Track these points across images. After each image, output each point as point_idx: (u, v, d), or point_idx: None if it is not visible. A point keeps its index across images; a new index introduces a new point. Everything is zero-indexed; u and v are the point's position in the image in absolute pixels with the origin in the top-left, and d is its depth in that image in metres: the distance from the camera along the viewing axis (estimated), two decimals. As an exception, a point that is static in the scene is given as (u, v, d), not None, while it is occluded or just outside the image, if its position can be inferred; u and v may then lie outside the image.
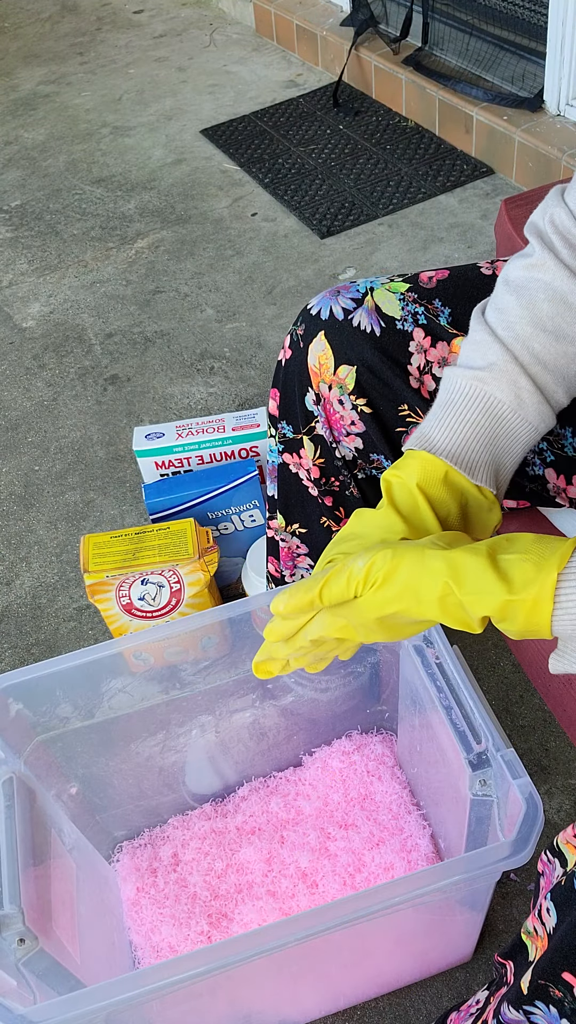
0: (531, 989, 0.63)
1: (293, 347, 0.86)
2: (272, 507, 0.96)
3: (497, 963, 0.73)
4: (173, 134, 2.53)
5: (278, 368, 0.89)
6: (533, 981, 0.62)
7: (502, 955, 0.72)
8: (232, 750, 1.04)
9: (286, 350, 0.87)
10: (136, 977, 0.65)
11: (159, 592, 1.13)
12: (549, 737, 1.14)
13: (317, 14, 2.68)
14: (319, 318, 0.83)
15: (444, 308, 0.84)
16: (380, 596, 0.56)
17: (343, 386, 0.83)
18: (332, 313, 0.83)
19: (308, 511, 0.93)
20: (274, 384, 0.90)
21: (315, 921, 0.67)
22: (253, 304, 1.91)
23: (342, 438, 0.86)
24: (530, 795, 0.69)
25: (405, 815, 1.01)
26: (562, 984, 0.60)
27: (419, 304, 0.83)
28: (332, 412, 0.85)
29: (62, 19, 3.28)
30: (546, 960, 0.61)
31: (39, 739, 0.88)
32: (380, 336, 0.82)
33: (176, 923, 0.95)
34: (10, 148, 2.57)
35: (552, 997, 0.61)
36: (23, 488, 1.59)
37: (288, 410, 0.88)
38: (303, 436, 0.88)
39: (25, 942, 0.70)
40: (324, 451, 0.88)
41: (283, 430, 0.90)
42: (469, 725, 0.77)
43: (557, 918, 0.61)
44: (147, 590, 1.12)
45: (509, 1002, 0.66)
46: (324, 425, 0.86)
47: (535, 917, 0.65)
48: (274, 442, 0.91)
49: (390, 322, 0.82)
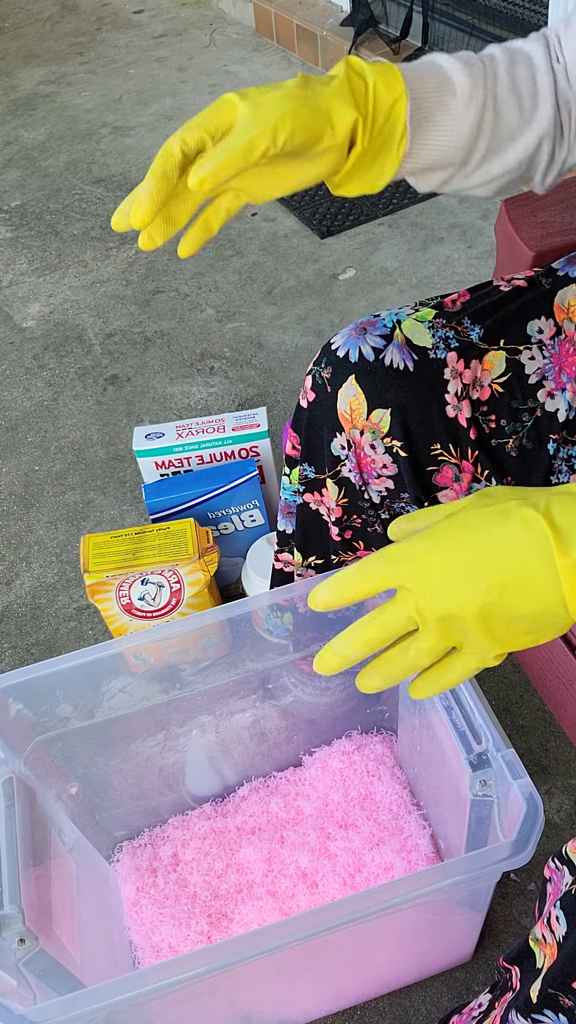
0: (540, 998, 0.62)
1: (318, 390, 0.82)
2: (284, 541, 0.95)
3: (502, 967, 0.73)
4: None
5: (299, 412, 0.85)
6: (543, 990, 0.62)
7: (507, 960, 0.72)
8: (232, 750, 1.04)
9: (308, 392, 0.83)
10: (136, 977, 0.65)
11: (159, 592, 1.13)
12: (549, 737, 1.14)
13: (317, 14, 2.68)
14: (348, 360, 0.80)
15: (474, 326, 0.82)
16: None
17: (376, 431, 0.81)
18: (362, 354, 0.79)
19: (325, 545, 0.92)
20: (294, 427, 0.86)
21: (315, 921, 0.66)
22: (253, 304, 1.91)
23: (372, 480, 0.84)
24: (530, 795, 0.69)
25: (405, 815, 1.01)
26: (573, 993, 0.60)
27: (448, 328, 0.81)
28: (363, 457, 0.83)
29: (62, 19, 3.28)
30: (557, 969, 0.61)
31: (39, 739, 0.88)
32: (414, 371, 0.79)
33: (176, 923, 0.95)
34: (10, 148, 2.57)
35: (562, 1006, 0.61)
36: (23, 488, 1.59)
37: (311, 454, 0.86)
38: (327, 478, 0.86)
39: (25, 942, 0.70)
40: (349, 492, 0.86)
41: (304, 471, 0.87)
42: (469, 725, 0.77)
43: (567, 927, 0.61)
44: (147, 590, 1.12)
45: (517, 1010, 0.66)
46: (354, 470, 0.84)
47: (544, 924, 0.64)
48: (289, 481, 0.89)
49: (422, 353, 0.80)
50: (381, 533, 0.88)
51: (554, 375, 0.83)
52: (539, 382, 0.83)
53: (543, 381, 0.83)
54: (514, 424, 0.84)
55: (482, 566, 0.47)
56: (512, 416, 0.83)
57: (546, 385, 0.83)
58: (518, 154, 0.71)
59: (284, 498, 0.91)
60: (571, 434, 0.84)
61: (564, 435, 0.84)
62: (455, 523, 0.49)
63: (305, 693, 1.02)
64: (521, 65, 0.71)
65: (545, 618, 0.48)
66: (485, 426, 0.83)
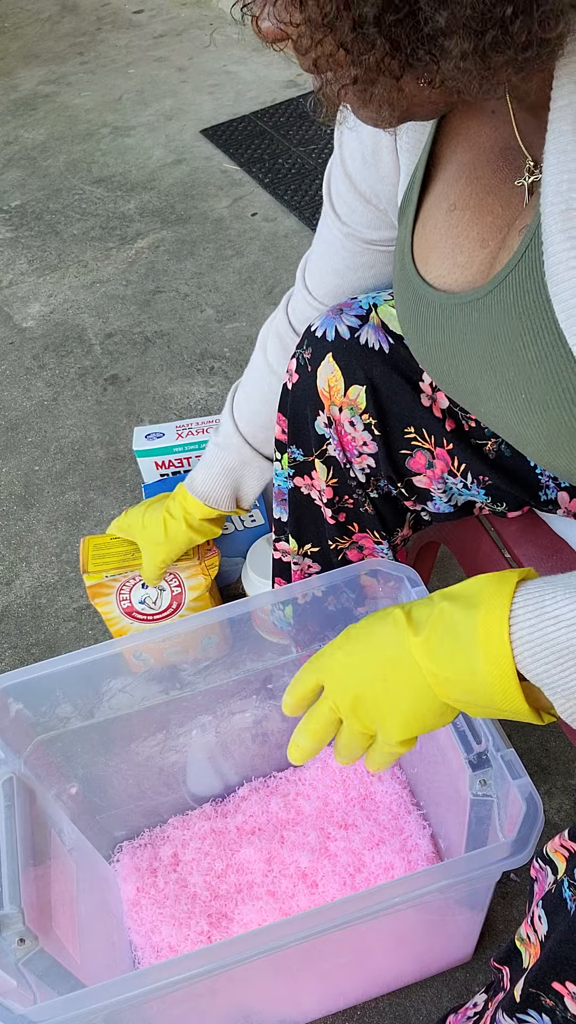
0: (523, 997, 0.63)
1: (300, 371, 0.84)
2: (280, 530, 0.95)
3: (494, 968, 0.73)
4: (173, 134, 2.53)
5: (285, 394, 0.87)
6: (525, 989, 0.62)
7: (497, 960, 0.72)
8: (232, 750, 1.04)
9: (292, 374, 0.85)
10: (136, 977, 0.65)
11: (160, 596, 1.13)
12: (549, 737, 1.14)
13: (317, 14, 2.68)
14: (325, 339, 0.82)
15: None
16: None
17: (354, 407, 0.82)
18: (338, 333, 0.81)
19: (320, 531, 0.92)
20: (281, 411, 0.88)
21: (315, 921, 0.67)
22: (253, 304, 1.91)
23: (354, 459, 0.85)
24: (530, 795, 0.69)
25: (405, 815, 1.01)
26: (552, 993, 0.60)
27: None
28: (344, 434, 0.84)
29: (62, 19, 3.28)
30: (537, 969, 0.61)
31: (39, 739, 0.88)
32: (389, 353, 0.81)
33: (176, 923, 0.95)
34: (10, 148, 2.57)
35: (544, 1006, 0.61)
36: (23, 488, 1.59)
37: (298, 435, 0.87)
38: (315, 459, 0.87)
39: (25, 942, 0.70)
40: (337, 472, 0.87)
41: (293, 454, 0.88)
42: (469, 725, 0.77)
43: (548, 926, 0.61)
44: (148, 594, 1.13)
45: (503, 1009, 0.66)
46: (337, 447, 0.85)
47: (528, 924, 0.65)
48: (280, 466, 0.90)
49: (398, 339, 0.81)
50: (372, 513, 0.89)
51: None
52: None
53: None
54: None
55: (369, 658, 0.57)
56: None
57: None
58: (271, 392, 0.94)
59: (277, 484, 0.92)
60: None
61: None
62: (357, 624, 0.60)
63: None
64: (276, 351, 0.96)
65: (424, 703, 0.56)
66: (464, 423, 0.84)
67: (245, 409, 0.98)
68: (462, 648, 0.52)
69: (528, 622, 0.50)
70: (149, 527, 1.04)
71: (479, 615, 0.51)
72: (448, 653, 0.53)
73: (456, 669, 0.52)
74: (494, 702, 0.52)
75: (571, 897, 0.58)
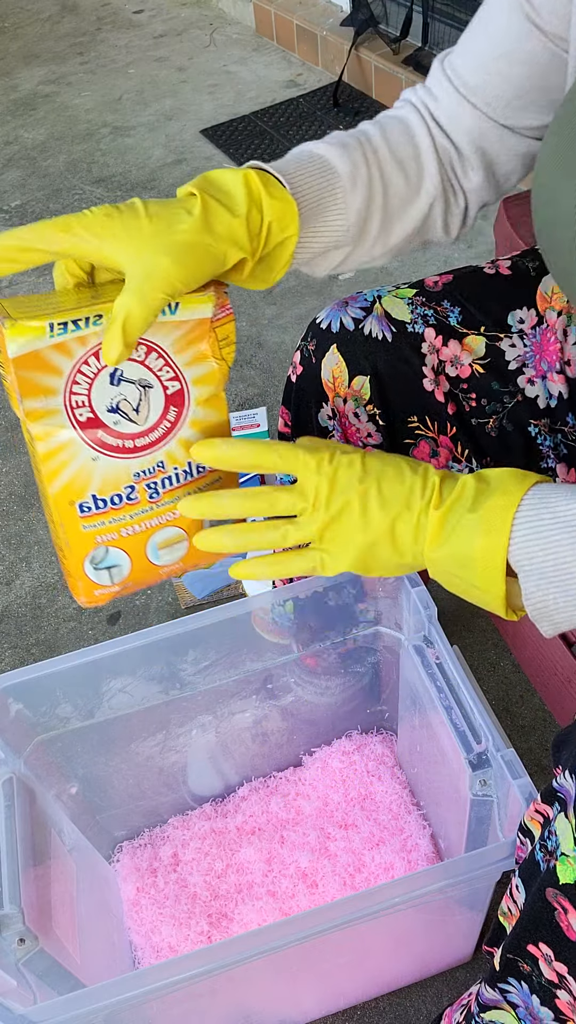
0: (503, 965, 0.63)
1: (304, 363, 0.85)
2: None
3: (487, 953, 0.74)
4: (173, 134, 2.52)
5: (289, 386, 0.87)
6: (503, 956, 0.63)
7: (488, 943, 0.73)
8: (232, 750, 1.04)
9: (297, 366, 0.86)
10: (136, 977, 0.65)
11: (144, 397, 0.60)
12: (549, 737, 1.14)
13: (317, 14, 2.68)
14: (330, 331, 0.83)
15: (453, 308, 0.84)
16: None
17: (358, 398, 0.83)
18: (343, 325, 0.82)
19: None
20: (284, 402, 0.89)
21: (315, 921, 0.67)
22: (253, 304, 1.91)
23: None
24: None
25: (405, 815, 1.01)
26: (528, 957, 0.60)
27: (428, 307, 0.83)
28: (348, 426, 0.84)
29: (62, 19, 3.28)
30: (514, 934, 0.61)
31: (39, 739, 0.88)
32: (392, 341, 0.82)
33: (176, 923, 0.95)
34: (10, 148, 2.57)
35: (521, 972, 0.62)
36: (23, 488, 1.59)
37: (302, 427, 0.87)
38: None
39: (25, 942, 0.70)
40: None
41: None
42: (469, 725, 0.77)
43: (525, 893, 0.61)
44: (122, 392, 0.60)
45: (485, 981, 0.67)
46: (340, 439, 0.85)
47: (508, 897, 0.65)
48: None
49: (400, 326, 0.82)
50: None
51: (534, 363, 0.84)
52: (519, 368, 0.84)
53: (523, 368, 0.84)
54: (494, 404, 0.85)
55: (384, 506, 0.57)
56: (492, 396, 0.85)
57: (526, 372, 0.84)
58: (413, 220, 0.73)
59: (279, 479, 0.92)
60: (555, 422, 0.85)
61: (548, 423, 0.85)
62: (388, 463, 0.59)
63: (305, 693, 1.02)
64: (397, 132, 0.73)
65: (393, 557, 0.59)
66: (465, 404, 0.85)
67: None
68: (467, 524, 0.56)
69: (529, 512, 0.55)
70: (158, 221, 0.56)
71: (491, 499, 0.56)
72: (454, 524, 0.56)
73: (456, 540, 0.56)
74: (475, 581, 0.56)
75: (542, 859, 0.58)
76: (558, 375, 0.83)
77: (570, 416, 0.83)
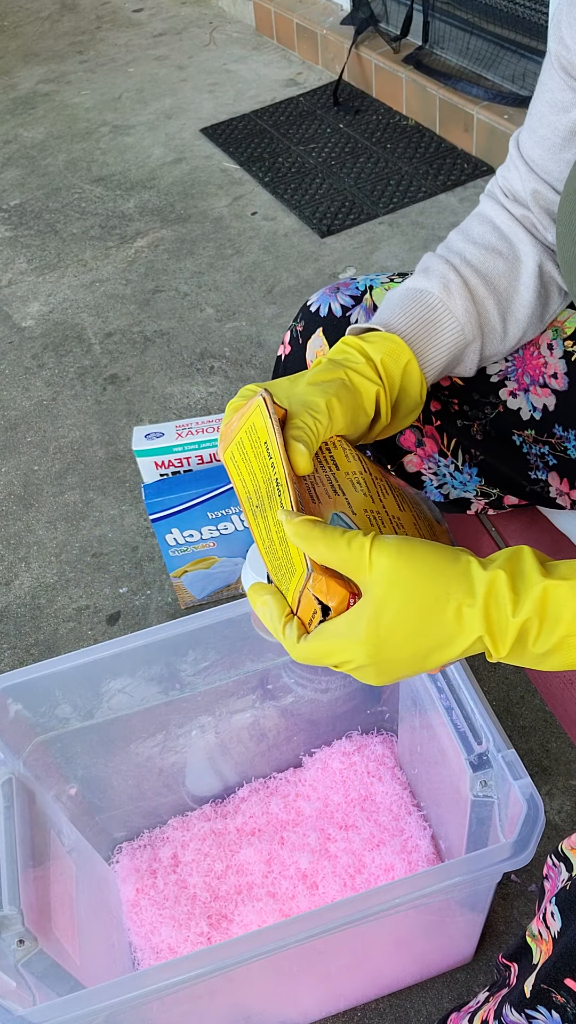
0: (534, 993, 0.63)
1: (292, 343, 0.86)
2: None
3: (501, 964, 0.73)
4: (173, 133, 2.52)
5: (277, 363, 0.89)
6: (536, 985, 0.62)
7: (506, 956, 0.72)
8: (232, 751, 1.04)
9: (286, 346, 0.87)
10: (136, 978, 0.65)
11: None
12: (550, 738, 1.13)
13: (317, 13, 2.68)
14: (318, 315, 0.84)
15: None
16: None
17: None
18: (331, 310, 0.83)
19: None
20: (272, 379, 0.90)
21: (315, 922, 0.66)
22: (253, 303, 1.90)
23: None
24: (531, 796, 0.69)
25: (405, 816, 1.01)
26: (565, 990, 0.60)
27: None
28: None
29: (62, 18, 3.28)
30: (550, 965, 0.61)
31: (39, 739, 0.88)
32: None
33: (176, 924, 0.95)
34: (9, 147, 2.57)
35: (554, 1002, 0.61)
36: (23, 488, 1.58)
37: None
38: None
39: (25, 943, 0.70)
40: None
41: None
42: (470, 726, 0.76)
43: (562, 923, 0.61)
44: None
45: (511, 1004, 0.66)
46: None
47: (540, 920, 0.64)
48: None
49: None
50: None
51: (516, 376, 0.83)
52: (500, 382, 0.83)
53: (505, 381, 0.83)
54: (476, 411, 0.85)
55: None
56: (473, 404, 0.85)
57: (508, 385, 0.84)
58: (528, 288, 0.74)
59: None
60: (540, 434, 0.84)
61: (534, 435, 0.84)
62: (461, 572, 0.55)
63: (305, 693, 1.02)
64: (475, 224, 0.77)
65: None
66: (448, 406, 0.85)
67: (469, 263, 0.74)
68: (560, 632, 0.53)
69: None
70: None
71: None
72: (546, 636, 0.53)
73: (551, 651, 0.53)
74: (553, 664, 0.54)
75: None
76: (542, 388, 0.83)
77: (558, 427, 0.83)
